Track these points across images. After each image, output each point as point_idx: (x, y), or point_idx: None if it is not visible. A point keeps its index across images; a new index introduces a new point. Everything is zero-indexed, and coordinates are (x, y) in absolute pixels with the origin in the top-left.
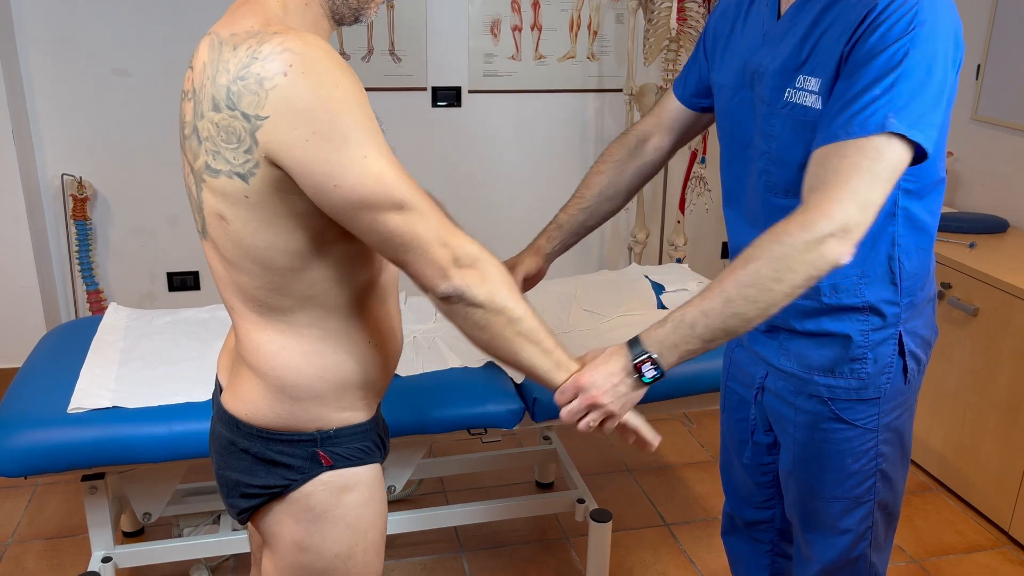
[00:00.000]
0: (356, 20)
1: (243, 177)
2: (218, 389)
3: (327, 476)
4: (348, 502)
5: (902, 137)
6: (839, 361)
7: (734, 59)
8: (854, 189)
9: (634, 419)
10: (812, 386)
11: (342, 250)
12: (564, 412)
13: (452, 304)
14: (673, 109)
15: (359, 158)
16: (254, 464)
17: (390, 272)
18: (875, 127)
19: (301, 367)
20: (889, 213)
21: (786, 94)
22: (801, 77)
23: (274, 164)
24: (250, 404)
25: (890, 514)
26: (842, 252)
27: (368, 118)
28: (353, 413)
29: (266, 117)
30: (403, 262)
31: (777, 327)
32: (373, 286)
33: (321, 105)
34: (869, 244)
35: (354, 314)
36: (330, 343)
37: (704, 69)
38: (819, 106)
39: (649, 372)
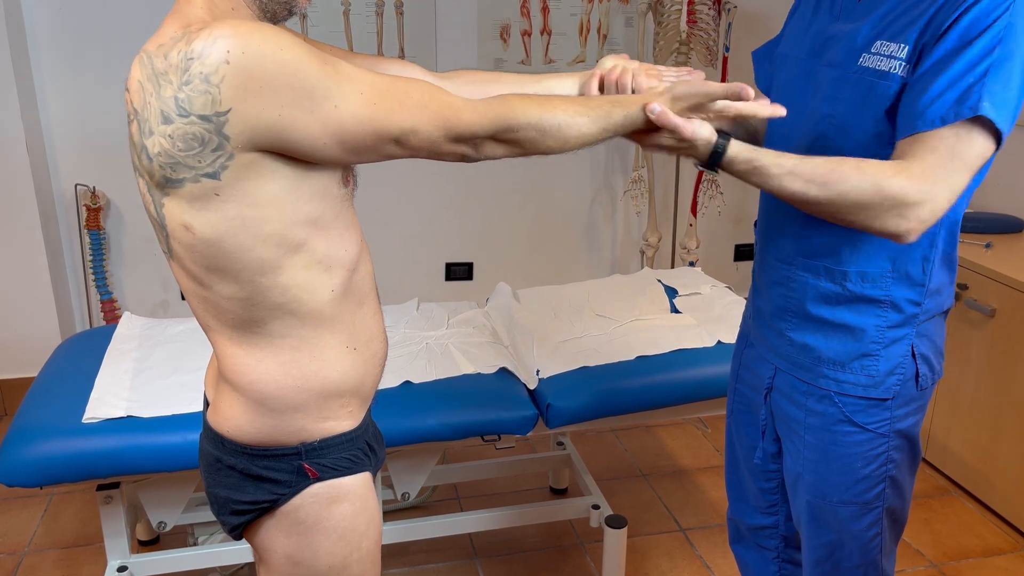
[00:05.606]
0: (290, 13)
1: (213, 176)
2: (206, 405)
3: (315, 488)
4: (338, 513)
5: (990, 125)
6: (850, 355)
7: (809, 28)
8: (949, 175)
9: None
10: (822, 380)
11: (309, 254)
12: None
13: (485, 146)
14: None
15: (331, 110)
16: (241, 480)
17: (365, 274)
18: (969, 110)
19: (278, 379)
20: None
21: (860, 59)
22: (879, 43)
23: (253, 149)
24: (232, 421)
25: (897, 520)
26: (915, 234)
27: (322, 62)
28: (337, 422)
29: (228, 110)
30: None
31: (788, 311)
32: (346, 290)
33: (276, 75)
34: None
35: (329, 320)
36: (306, 352)
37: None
38: (901, 72)
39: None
